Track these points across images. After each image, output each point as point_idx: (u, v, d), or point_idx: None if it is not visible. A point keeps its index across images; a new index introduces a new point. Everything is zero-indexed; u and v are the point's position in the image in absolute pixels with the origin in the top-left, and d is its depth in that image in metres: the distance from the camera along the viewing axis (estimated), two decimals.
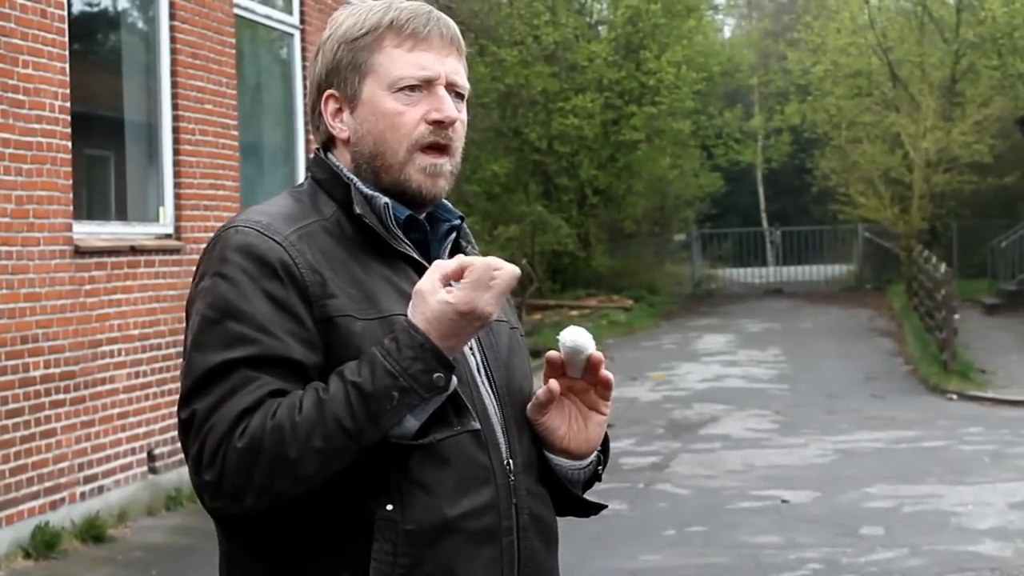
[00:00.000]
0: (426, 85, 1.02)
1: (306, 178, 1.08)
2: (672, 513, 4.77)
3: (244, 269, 0.97)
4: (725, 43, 20.67)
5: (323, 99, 1.05)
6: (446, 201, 1.09)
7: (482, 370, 1.03)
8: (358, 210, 1.01)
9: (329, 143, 1.06)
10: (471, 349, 1.03)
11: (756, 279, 17.03)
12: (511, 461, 1.01)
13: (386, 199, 1.03)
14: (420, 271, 1.01)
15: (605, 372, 1.03)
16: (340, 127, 1.05)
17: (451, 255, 1.06)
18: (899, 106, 14.88)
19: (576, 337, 1.02)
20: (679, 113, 15.60)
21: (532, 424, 1.04)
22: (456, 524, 0.97)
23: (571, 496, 1.08)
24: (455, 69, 1.04)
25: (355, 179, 1.04)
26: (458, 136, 1.04)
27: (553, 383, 1.03)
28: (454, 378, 0.95)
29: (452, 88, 1.04)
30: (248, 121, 5.70)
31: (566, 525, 1.13)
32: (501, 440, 1.01)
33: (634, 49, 14.99)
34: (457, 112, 1.03)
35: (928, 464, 5.64)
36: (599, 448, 1.08)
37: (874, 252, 16.72)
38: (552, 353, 1.03)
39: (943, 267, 9.67)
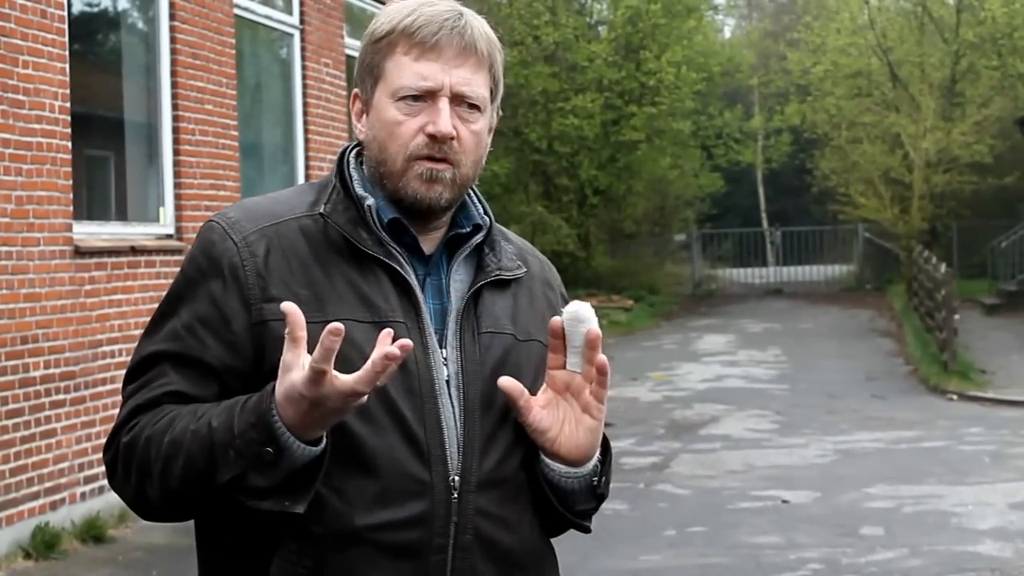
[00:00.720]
0: (429, 96, 1.00)
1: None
2: (672, 513, 4.76)
3: (199, 266, 1.01)
4: (725, 43, 20.64)
5: (352, 98, 1.05)
6: (479, 205, 1.06)
7: (453, 382, 1.00)
8: (323, 211, 1.01)
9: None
10: (444, 360, 1.00)
11: (756, 279, 17.01)
12: (458, 478, 0.98)
13: (372, 201, 1.02)
14: (394, 276, 1.00)
15: (601, 356, 0.98)
16: (361, 129, 1.05)
17: (476, 266, 1.04)
18: (899, 106, 14.86)
19: (578, 308, 0.99)
20: (679, 113, 15.58)
21: (526, 429, 1.00)
22: (366, 534, 0.95)
23: (557, 511, 1.04)
24: (464, 79, 1.01)
25: (353, 178, 1.03)
26: (464, 149, 1.01)
27: (505, 380, 0.99)
28: (307, 451, 0.91)
29: (461, 99, 1.01)
30: (248, 121, 5.68)
31: None
32: (453, 456, 0.98)
33: (634, 49, 14.96)
34: (450, 127, 1.00)
35: (928, 464, 5.63)
36: (599, 459, 1.03)
37: (874, 252, 16.72)
38: (554, 319, 1.00)
39: (943, 267, 9.65)
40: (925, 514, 4.63)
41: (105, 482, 4.38)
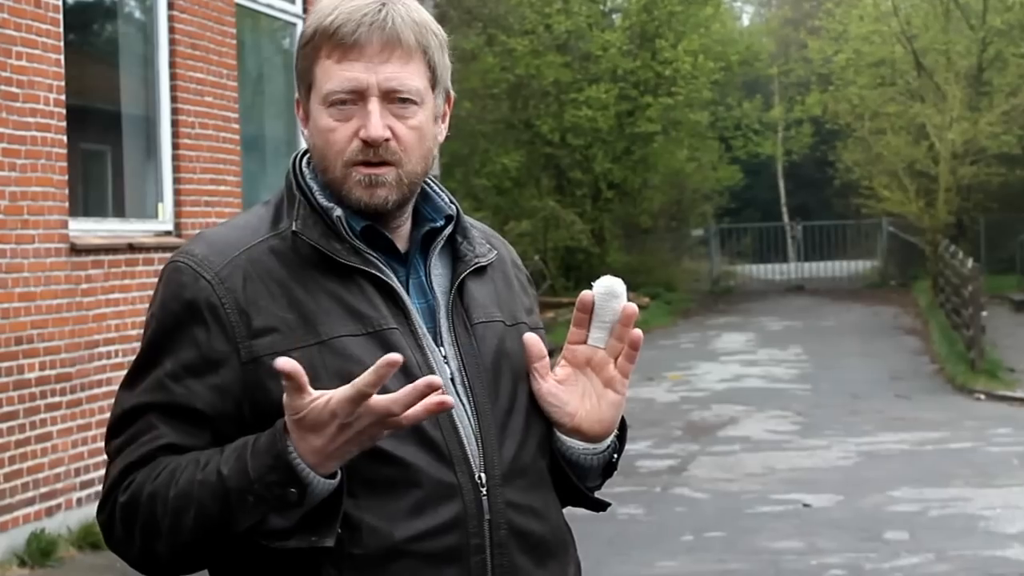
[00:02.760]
0: (358, 98, 0.98)
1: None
2: (690, 518, 4.67)
3: (174, 311, 0.99)
4: (744, 31, 20.39)
5: (296, 104, 1.04)
6: (442, 194, 1.05)
7: (457, 379, 0.99)
8: (295, 227, 0.99)
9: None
10: (445, 359, 0.99)
11: (776, 275, 16.90)
12: (483, 475, 0.98)
13: (340, 211, 0.99)
14: (377, 283, 0.99)
15: (636, 331, 0.99)
16: (306, 136, 1.03)
17: (453, 260, 1.03)
18: (924, 96, 14.57)
19: (612, 283, 1.00)
20: (696, 104, 15.36)
21: (540, 402, 1.00)
22: (406, 547, 0.95)
23: (577, 489, 1.04)
24: (392, 75, 0.97)
25: (313, 188, 1.01)
26: (405, 147, 0.98)
27: (528, 336, 0.99)
28: (327, 484, 0.91)
29: (393, 95, 0.97)
30: (249, 114, 5.62)
31: (579, 530, 1.08)
32: (473, 453, 0.98)
33: (649, 38, 14.76)
34: (381, 130, 0.97)
35: (955, 466, 5.50)
36: (616, 434, 1.04)
37: (899, 247, 16.49)
38: (586, 293, 1.00)
39: (970, 262, 9.49)
40: (951, 518, 4.52)
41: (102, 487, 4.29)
